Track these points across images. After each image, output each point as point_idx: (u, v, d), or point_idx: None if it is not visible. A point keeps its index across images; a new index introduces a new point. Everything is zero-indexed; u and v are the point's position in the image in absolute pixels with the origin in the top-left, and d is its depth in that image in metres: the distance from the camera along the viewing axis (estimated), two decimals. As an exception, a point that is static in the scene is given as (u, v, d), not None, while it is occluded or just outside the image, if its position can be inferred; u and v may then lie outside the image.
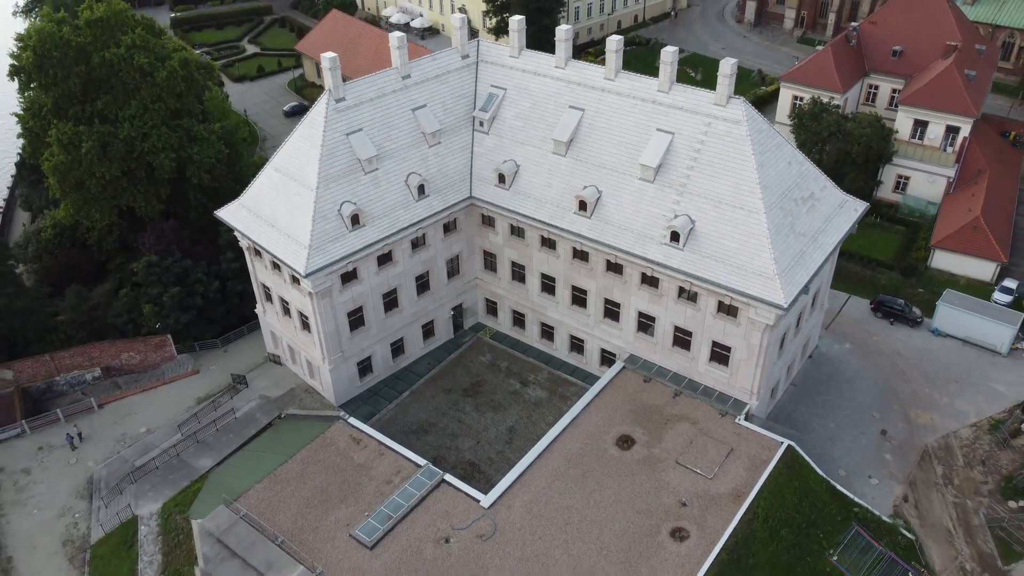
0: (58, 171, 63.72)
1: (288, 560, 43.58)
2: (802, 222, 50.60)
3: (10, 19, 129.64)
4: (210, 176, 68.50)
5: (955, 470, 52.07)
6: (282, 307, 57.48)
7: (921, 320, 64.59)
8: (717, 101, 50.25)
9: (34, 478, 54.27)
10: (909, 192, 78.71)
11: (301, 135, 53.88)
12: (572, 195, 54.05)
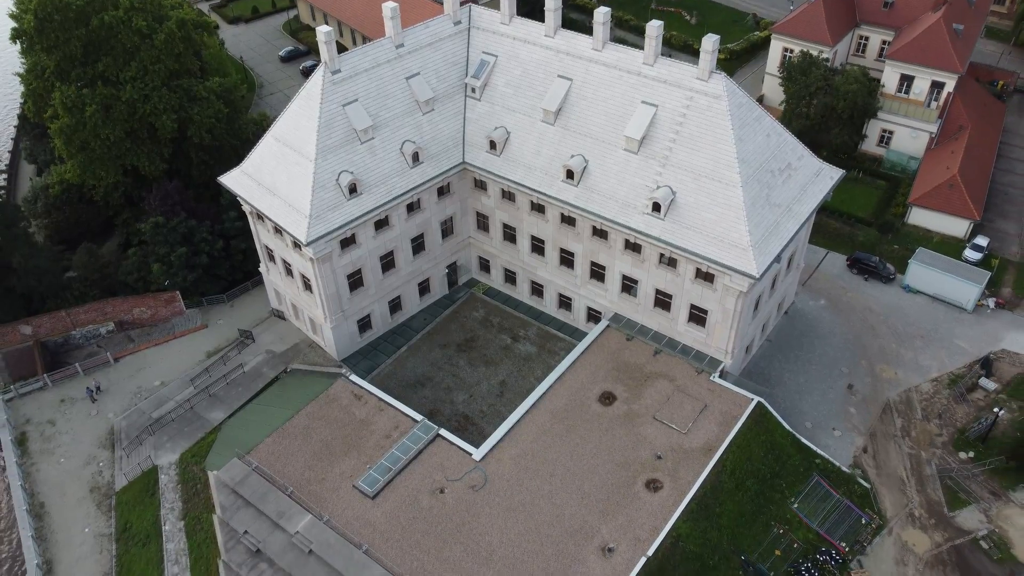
0: (64, 133, 65.81)
1: (297, 509, 47.96)
2: (778, 193, 53.21)
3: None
4: (211, 135, 70.55)
5: (913, 423, 56.15)
6: (284, 268, 60.54)
7: (894, 276, 67.76)
8: (700, 75, 52.06)
9: (59, 429, 58.40)
10: (892, 147, 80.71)
11: (299, 106, 55.88)
12: (560, 164, 56.45)
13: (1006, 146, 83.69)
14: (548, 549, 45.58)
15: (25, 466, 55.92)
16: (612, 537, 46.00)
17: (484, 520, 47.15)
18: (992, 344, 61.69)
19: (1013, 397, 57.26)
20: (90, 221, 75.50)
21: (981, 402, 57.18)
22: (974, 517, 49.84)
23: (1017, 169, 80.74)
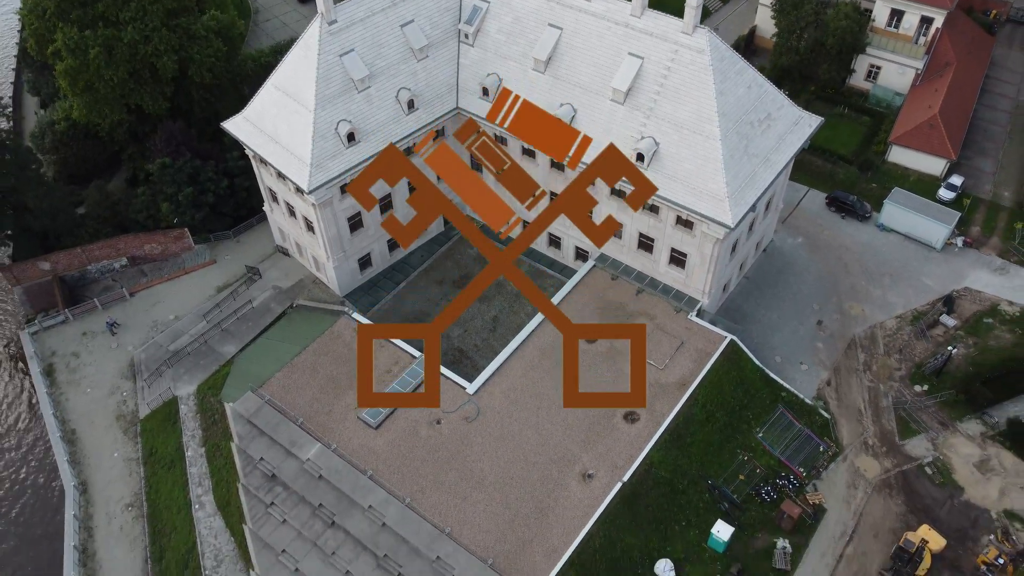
0: (68, 75, 67.54)
1: (307, 438, 52.89)
2: (756, 143, 55.86)
3: None
4: (211, 74, 72.18)
5: (875, 358, 60.56)
6: (288, 209, 63.66)
7: (870, 215, 70.87)
8: (684, 29, 53.87)
9: (83, 360, 62.88)
10: (879, 82, 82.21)
11: (297, 56, 57.77)
12: (551, 111, 58.60)
13: (992, 80, 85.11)
14: (534, 475, 50.70)
15: (55, 396, 60.66)
16: (592, 464, 51.06)
17: (477, 448, 52.12)
18: (956, 282, 65.46)
19: (970, 334, 61.46)
20: (96, 157, 77.93)
21: (940, 338, 61.42)
22: (922, 445, 54.86)
23: (1000, 105, 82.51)
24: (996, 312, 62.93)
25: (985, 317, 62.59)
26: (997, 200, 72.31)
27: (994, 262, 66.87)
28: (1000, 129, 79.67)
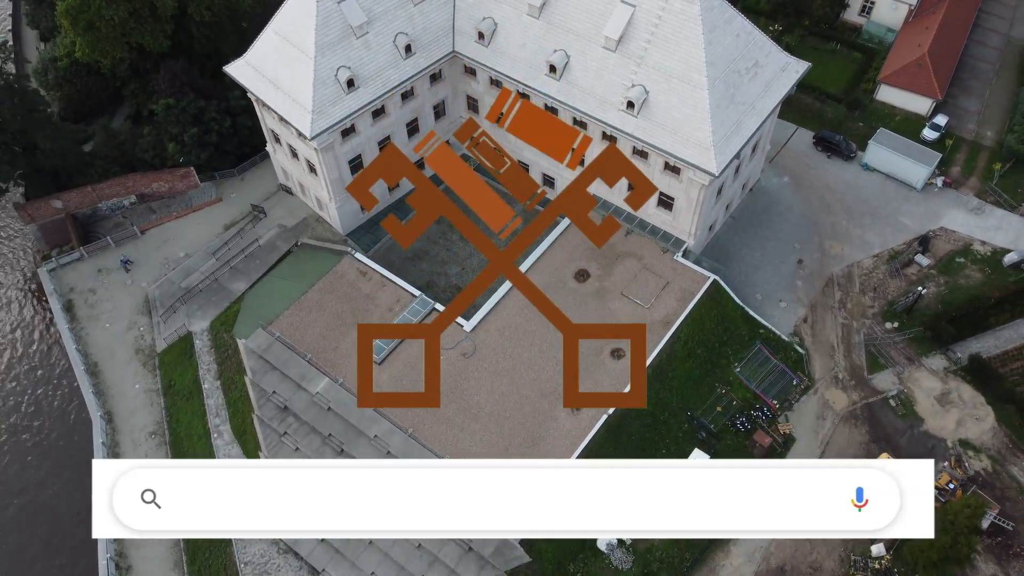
0: (69, 14, 68.39)
1: (316, 373, 56.84)
2: (743, 91, 57.71)
3: None
4: (210, 12, 72.91)
5: (851, 296, 64.03)
6: (290, 151, 65.82)
7: (855, 155, 73.01)
8: None
9: (100, 297, 66.29)
10: (873, 17, 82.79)
11: (296, 2, 58.89)
12: (543, 58, 60.32)
13: (984, 15, 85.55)
14: (527, 407, 54.90)
15: (76, 330, 64.35)
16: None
17: (473, 383, 56.15)
18: (933, 222, 68.29)
19: (942, 273, 64.77)
20: (99, 93, 79.35)
21: (914, 277, 64.75)
22: (888, 379, 58.94)
23: (990, 41, 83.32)
24: (968, 252, 66.04)
25: (957, 256, 65.75)
26: (979, 140, 74.33)
27: (971, 202, 69.53)
28: (988, 67, 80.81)
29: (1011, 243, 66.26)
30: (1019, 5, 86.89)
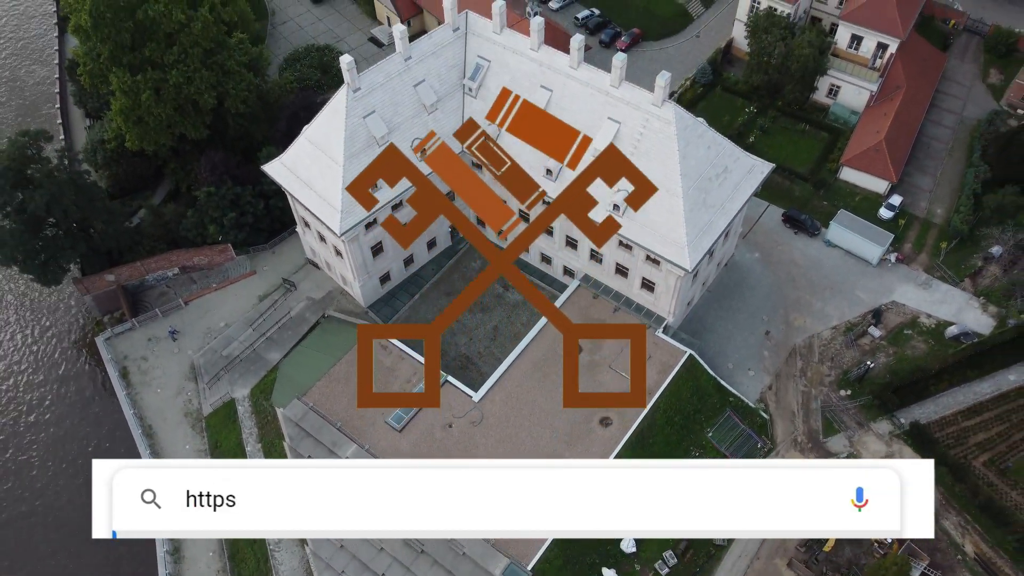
0: (123, 113, 77.47)
1: (345, 440, 65.88)
2: (714, 195, 66.73)
3: None
4: (244, 105, 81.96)
5: (811, 365, 73.02)
6: (319, 236, 74.82)
7: (819, 231, 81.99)
8: (655, 102, 63.95)
9: (151, 364, 75.30)
10: (839, 100, 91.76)
11: (328, 117, 67.96)
12: (541, 162, 69.26)
13: (940, 95, 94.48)
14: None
15: (131, 395, 73.37)
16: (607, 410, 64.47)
17: (481, 449, 65.19)
18: (886, 296, 77.25)
19: (892, 344, 73.74)
20: (143, 172, 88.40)
21: (867, 347, 73.73)
22: (840, 442, 67.94)
23: (945, 120, 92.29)
24: (915, 324, 75.05)
25: (906, 328, 74.76)
26: (930, 217, 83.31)
27: (920, 277, 78.51)
28: (942, 146, 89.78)
29: (954, 316, 75.25)
30: (972, 85, 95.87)
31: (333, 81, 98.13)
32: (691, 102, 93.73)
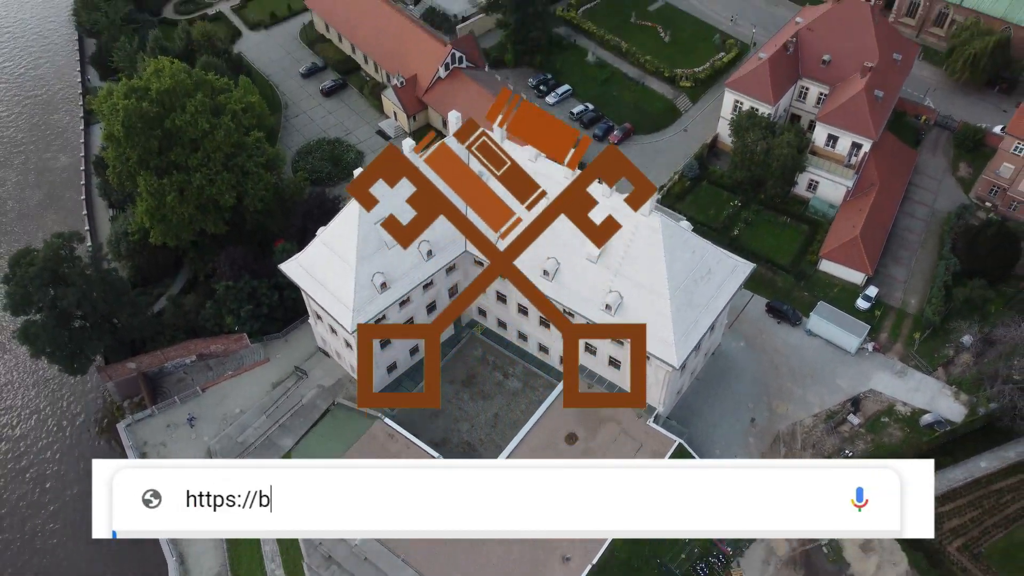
0: (148, 212, 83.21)
1: (354, 526, 69.69)
2: (699, 294, 71.99)
3: None
4: (262, 203, 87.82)
5: (794, 451, 77.38)
6: (330, 328, 79.79)
7: (800, 321, 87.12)
8: (643, 213, 69.60)
9: (170, 449, 79.47)
10: (817, 194, 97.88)
11: (342, 222, 73.69)
12: (539, 264, 74.64)
13: (913, 187, 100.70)
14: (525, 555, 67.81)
15: (151, 480, 77.31)
16: (569, 547, 68.11)
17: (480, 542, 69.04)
18: (864, 384, 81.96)
19: (869, 431, 78.20)
20: (164, 261, 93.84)
21: (846, 434, 78.17)
22: (822, 528, 71.81)
23: (918, 213, 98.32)
24: (892, 412, 79.63)
25: (883, 416, 79.32)
26: (905, 308, 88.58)
27: (896, 366, 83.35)
28: (915, 237, 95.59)
29: (928, 404, 79.89)
30: (943, 179, 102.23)
31: (343, 173, 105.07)
32: (680, 195, 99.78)
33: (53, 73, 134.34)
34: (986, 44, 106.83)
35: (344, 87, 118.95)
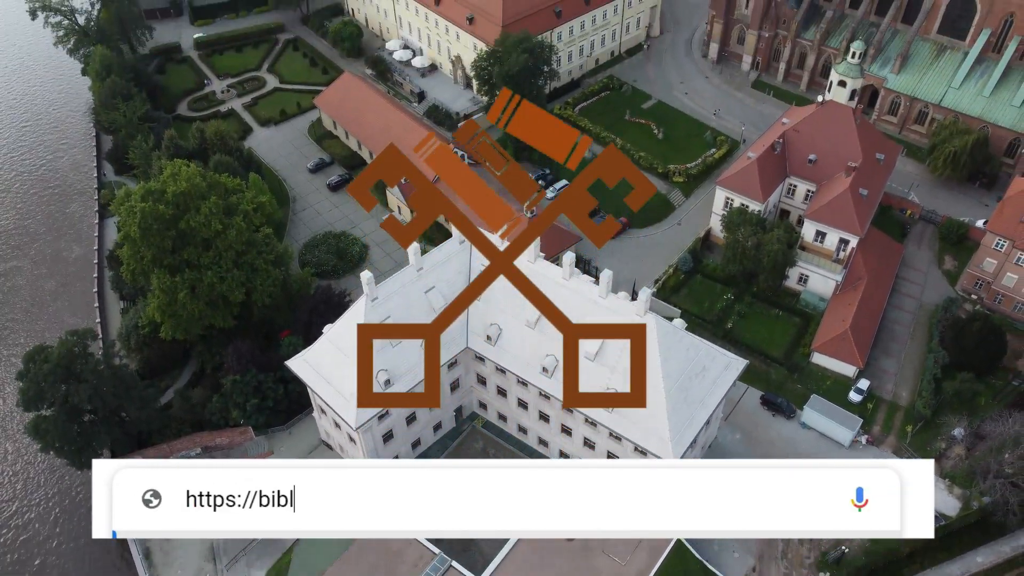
0: (160, 308, 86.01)
1: (356, 624, 70.19)
2: (694, 391, 74.14)
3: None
4: (270, 298, 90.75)
5: (791, 546, 78.15)
6: (334, 423, 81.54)
7: (794, 414, 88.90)
8: (638, 312, 72.39)
9: (173, 545, 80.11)
10: (808, 287, 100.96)
11: (348, 321, 76.30)
12: (538, 360, 77.05)
13: (901, 280, 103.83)
14: None
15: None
16: None
17: None
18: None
19: (865, 525, 79.01)
20: (173, 353, 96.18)
21: (842, 528, 78.93)
22: (821, 625, 72.31)
23: (906, 305, 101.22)
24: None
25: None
26: (896, 400, 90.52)
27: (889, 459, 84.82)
28: (904, 330, 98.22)
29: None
30: (929, 271, 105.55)
31: (347, 266, 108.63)
32: (675, 287, 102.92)
33: (70, 165, 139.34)
34: (965, 142, 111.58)
35: (350, 182, 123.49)
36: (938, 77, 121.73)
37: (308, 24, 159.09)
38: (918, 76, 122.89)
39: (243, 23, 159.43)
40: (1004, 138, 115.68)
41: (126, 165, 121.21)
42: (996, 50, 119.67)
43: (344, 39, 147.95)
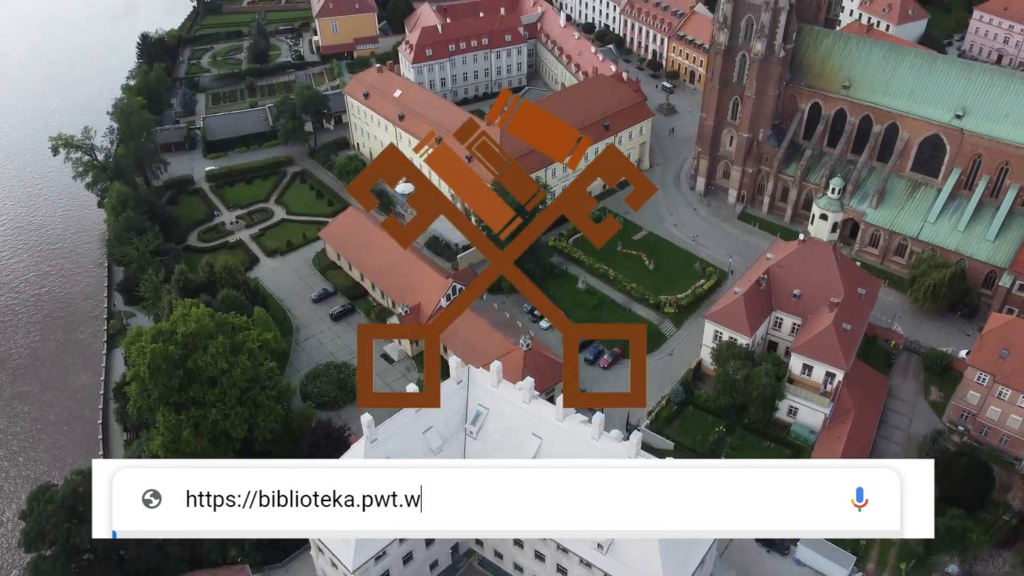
0: (164, 446, 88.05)
1: None
2: (686, 533, 75.27)
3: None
4: (271, 433, 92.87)
5: None
6: (331, 563, 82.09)
7: (789, 550, 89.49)
8: (629, 454, 74.50)
9: None
10: (798, 419, 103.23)
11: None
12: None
13: (889, 411, 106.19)
14: None
15: None
16: None
17: None
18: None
19: (864, 669, 78.73)
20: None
21: (841, 672, 78.53)
22: None
23: (894, 437, 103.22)
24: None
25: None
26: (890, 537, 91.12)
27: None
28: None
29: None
30: (916, 402, 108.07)
31: (348, 397, 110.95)
32: (667, 419, 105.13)
33: (80, 293, 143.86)
34: (943, 275, 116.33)
35: (352, 312, 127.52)
36: (914, 212, 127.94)
37: (315, 158, 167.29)
38: (895, 211, 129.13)
39: (253, 156, 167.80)
40: (980, 271, 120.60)
41: (136, 297, 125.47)
42: (968, 187, 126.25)
43: (350, 172, 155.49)
